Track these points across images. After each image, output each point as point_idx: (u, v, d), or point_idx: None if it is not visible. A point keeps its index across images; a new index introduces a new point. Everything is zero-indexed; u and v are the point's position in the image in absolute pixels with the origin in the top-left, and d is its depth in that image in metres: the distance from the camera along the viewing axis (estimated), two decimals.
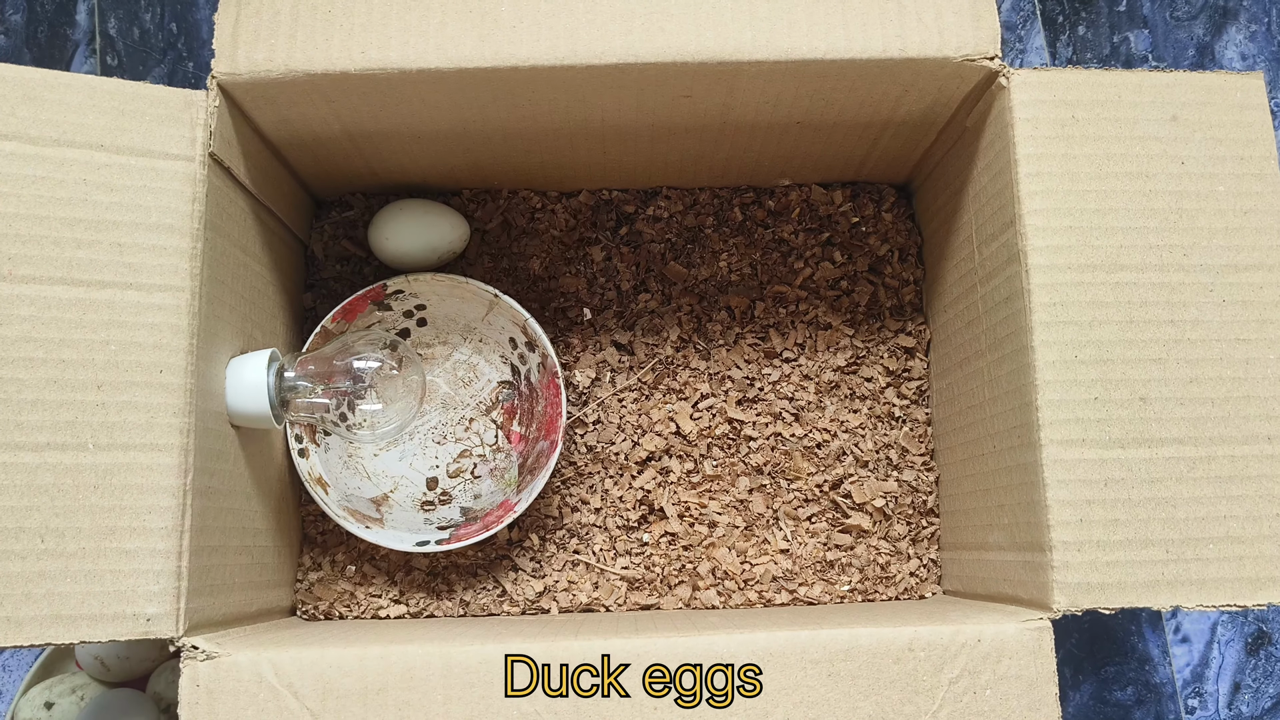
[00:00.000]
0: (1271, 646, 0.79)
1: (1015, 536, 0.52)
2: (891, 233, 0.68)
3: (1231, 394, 0.49)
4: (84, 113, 0.48)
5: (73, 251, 0.47)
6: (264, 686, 0.45)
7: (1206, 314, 0.50)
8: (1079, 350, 0.49)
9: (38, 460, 0.45)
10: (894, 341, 0.67)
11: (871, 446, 0.66)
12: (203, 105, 0.50)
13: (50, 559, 0.45)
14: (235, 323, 0.54)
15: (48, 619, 0.44)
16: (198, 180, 0.49)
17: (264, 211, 0.59)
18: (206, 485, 0.49)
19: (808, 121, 0.59)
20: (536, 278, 0.67)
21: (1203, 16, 0.88)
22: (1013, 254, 0.51)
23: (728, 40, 0.51)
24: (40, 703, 0.66)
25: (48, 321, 0.46)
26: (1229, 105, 0.52)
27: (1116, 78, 0.52)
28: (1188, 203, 0.51)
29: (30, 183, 0.47)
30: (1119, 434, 0.48)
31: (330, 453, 0.64)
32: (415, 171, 0.65)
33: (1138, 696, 0.78)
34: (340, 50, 0.50)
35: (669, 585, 0.64)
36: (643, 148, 0.62)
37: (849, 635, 0.46)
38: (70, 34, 0.84)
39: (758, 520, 0.65)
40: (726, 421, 0.66)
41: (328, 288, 0.67)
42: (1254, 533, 0.48)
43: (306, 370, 0.55)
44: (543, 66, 0.51)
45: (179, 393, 0.47)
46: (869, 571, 0.64)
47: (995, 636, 0.46)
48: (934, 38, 0.51)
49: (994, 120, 0.53)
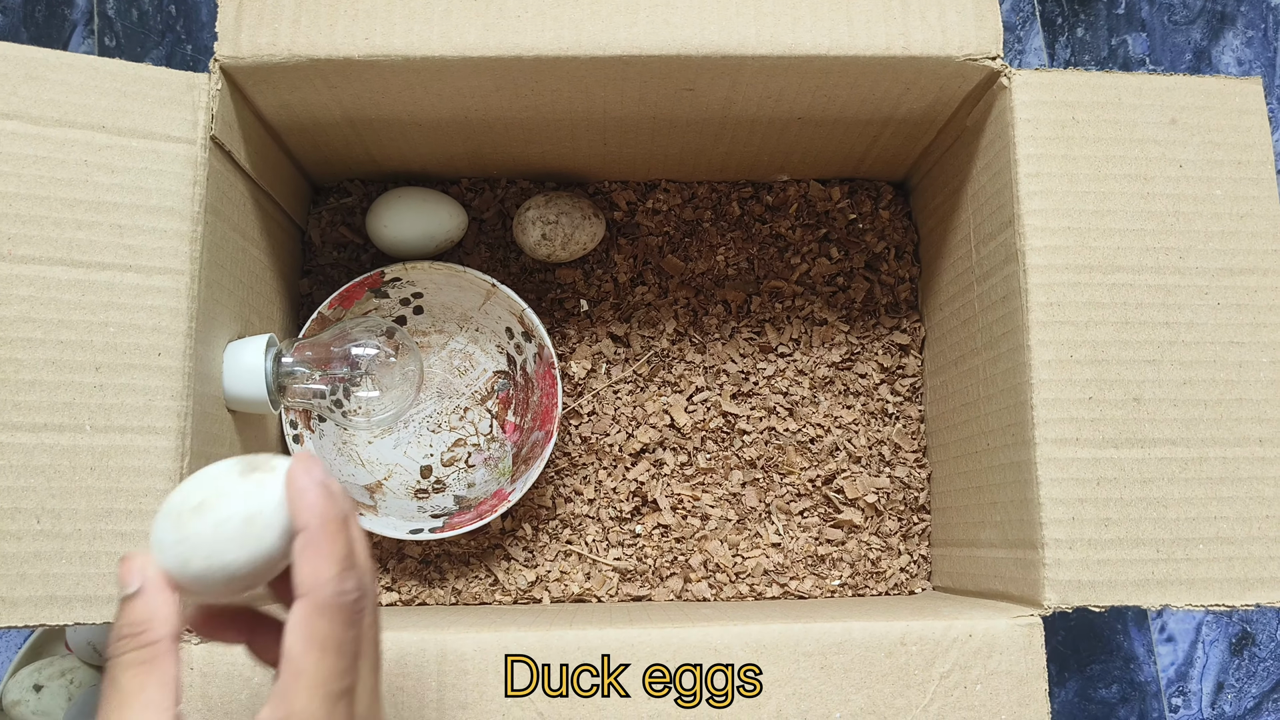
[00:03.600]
0: (1255, 647, 0.80)
1: (1007, 533, 0.52)
2: (888, 230, 0.69)
3: (1224, 396, 0.50)
4: (86, 93, 0.48)
5: (73, 232, 0.47)
6: (258, 670, 0.45)
7: (1201, 316, 0.50)
8: (1074, 350, 0.49)
9: (35, 441, 0.45)
10: (889, 338, 0.68)
11: (864, 442, 0.66)
12: (205, 88, 0.50)
13: (46, 540, 0.45)
14: (233, 307, 0.54)
15: (42, 600, 0.44)
16: (199, 163, 0.49)
17: (263, 196, 0.59)
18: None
19: (808, 117, 0.59)
20: (534, 268, 0.67)
21: (1200, 21, 0.89)
22: (1010, 253, 0.52)
23: (731, 35, 0.51)
24: (29, 685, 0.66)
25: (46, 302, 0.46)
26: (1228, 110, 0.52)
27: (1116, 80, 0.52)
28: (1185, 206, 0.51)
29: (31, 163, 0.47)
30: (1112, 434, 0.49)
31: (325, 439, 0.64)
32: (415, 159, 0.64)
33: (1122, 694, 0.79)
34: (344, 36, 0.50)
35: (661, 577, 0.64)
36: (643, 140, 0.62)
37: (842, 629, 0.47)
38: (68, 14, 0.83)
39: (750, 514, 0.65)
40: (721, 415, 0.66)
41: (325, 274, 0.67)
42: (1244, 534, 0.48)
43: (304, 356, 0.55)
44: (546, 57, 0.51)
45: (177, 376, 0.47)
46: (860, 566, 0.64)
47: (986, 632, 0.47)
48: (937, 36, 0.51)
49: (994, 120, 0.54)
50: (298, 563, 0.32)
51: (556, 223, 0.64)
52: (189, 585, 0.33)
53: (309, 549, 0.32)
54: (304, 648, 0.31)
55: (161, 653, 0.32)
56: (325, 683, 0.31)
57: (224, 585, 0.33)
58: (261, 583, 0.34)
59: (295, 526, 0.33)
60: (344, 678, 0.31)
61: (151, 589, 0.32)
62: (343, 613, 0.32)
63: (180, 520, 0.33)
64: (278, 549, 0.33)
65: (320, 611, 0.31)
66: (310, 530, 0.32)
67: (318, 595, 0.32)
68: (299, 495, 0.33)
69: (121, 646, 0.32)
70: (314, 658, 0.31)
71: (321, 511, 0.32)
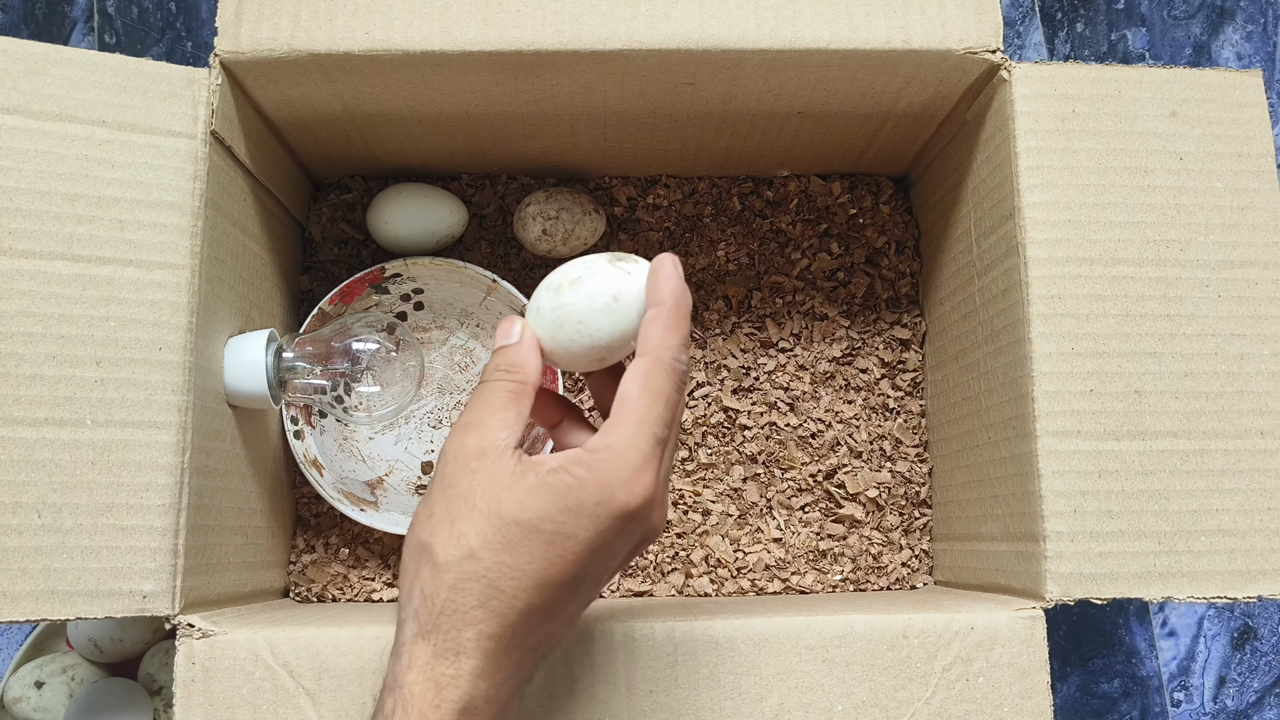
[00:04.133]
0: (1257, 641, 0.80)
1: (1009, 527, 0.52)
2: (889, 225, 0.69)
3: (1225, 388, 0.50)
4: (86, 88, 0.48)
5: (73, 227, 0.47)
6: (260, 665, 0.45)
7: (1202, 309, 0.50)
8: (1075, 343, 0.49)
9: (36, 435, 0.45)
10: (889, 333, 0.68)
11: (865, 437, 0.66)
12: (205, 83, 0.50)
13: (47, 534, 0.45)
14: (234, 303, 0.54)
15: (44, 594, 0.44)
16: (199, 158, 0.49)
17: (263, 192, 0.59)
18: (204, 464, 0.49)
19: (809, 112, 0.59)
20: (535, 263, 0.67)
21: (1200, 16, 0.89)
22: (1011, 246, 0.51)
23: (731, 28, 0.51)
24: (30, 681, 0.66)
25: (47, 297, 0.46)
26: (1228, 102, 0.52)
27: (1117, 73, 0.52)
28: (1185, 198, 0.51)
29: (31, 157, 0.47)
30: (1114, 426, 0.49)
31: (325, 435, 0.64)
32: (415, 155, 0.64)
33: (1124, 689, 0.79)
34: (344, 30, 0.50)
35: (662, 572, 0.64)
36: (644, 135, 0.62)
37: (844, 622, 0.47)
38: (68, 11, 0.83)
39: (751, 509, 0.65)
40: (722, 410, 0.66)
41: (325, 270, 0.67)
42: (1245, 526, 0.48)
43: (304, 351, 0.55)
44: (547, 51, 0.51)
45: (178, 370, 0.47)
46: (861, 561, 0.64)
47: (988, 625, 0.47)
48: (937, 29, 0.51)
49: (995, 113, 0.54)
50: (648, 329, 0.38)
51: (557, 218, 0.64)
52: (555, 350, 0.40)
53: (661, 319, 0.38)
54: (639, 392, 0.36)
55: (526, 391, 0.39)
56: (650, 424, 0.36)
57: (586, 352, 0.39)
58: (611, 359, 0.40)
59: (651, 303, 0.38)
60: (665, 428, 0.37)
61: (527, 343, 0.39)
62: (676, 375, 0.37)
63: (559, 291, 0.39)
64: (632, 329, 0.39)
65: (659, 367, 0.37)
66: (665, 305, 0.38)
67: (660, 354, 0.37)
68: (663, 277, 0.38)
69: (497, 375, 0.39)
70: (645, 402, 0.36)
71: (677, 292, 0.38)
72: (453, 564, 0.35)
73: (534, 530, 0.35)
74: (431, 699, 0.35)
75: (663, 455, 0.37)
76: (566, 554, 0.35)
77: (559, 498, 0.35)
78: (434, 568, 0.36)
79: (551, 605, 0.36)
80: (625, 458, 0.36)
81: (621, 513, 0.35)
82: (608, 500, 0.35)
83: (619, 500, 0.35)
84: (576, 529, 0.35)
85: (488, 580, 0.35)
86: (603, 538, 0.35)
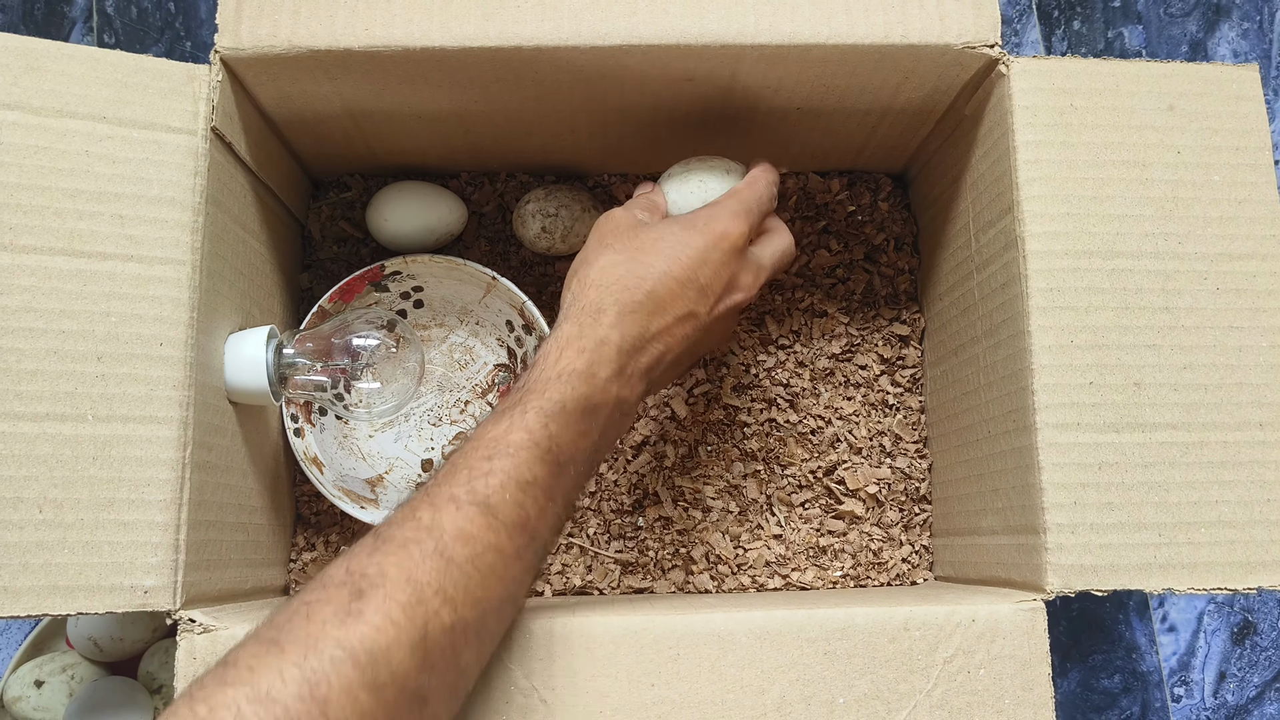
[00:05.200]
0: (1257, 636, 0.80)
1: (1009, 520, 0.52)
2: (887, 221, 0.69)
3: (1224, 380, 0.50)
4: (87, 84, 0.48)
5: (74, 222, 0.47)
6: None
7: (1201, 301, 0.50)
8: (1075, 335, 0.49)
9: (37, 430, 0.45)
10: (889, 329, 0.68)
11: (865, 433, 0.66)
12: (205, 79, 0.50)
13: (48, 529, 0.45)
14: (234, 299, 0.54)
15: (45, 589, 0.44)
16: (199, 154, 0.49)
17: (263, 189, 0.59)
18: (205, 460, 0.49)
19: (807, 107, 0.59)
20: (534, 261, 0.68)
21: (1196, 13, 0.89)
22: (1010, 240, 0.52)
23: (730, 24, 0.51)
24: (30, 680, 0.66)
25: (48, 292, 0.46)
26: (1225, 96, 0.52)
27: (1114, 67, 0.52)
28: (1183, 191, 0.51)
29: (32, 153, 0.47)
30: (1113, 418, 0.49)
31: (326, 433, 0.64)
32: (414, 152, 0.65)
33: (1124, 684, 0.79)
34: (344, 27, 0.50)
35: (662, 569, 0.64)
36: (643, 132, 0.62)
37: (845, 615, 0.47)
38: (67, 11, 0.83)
39: (751, 505, 0.65)
40: (721, 407, 0.66)
41: (325, 268, 0.67)
42: (1245, 517, 0.48)
43: (305, 347, 0.55)
44: (546, 47, 0.51)
45: (179, 366, 0.47)
46: (861, 557, 0.64)
47: (989, 617, 0.47)
48: (935, 24, 0.52)
49: (993, 108, 0.54)
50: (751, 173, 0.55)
51: (556, 216, 0.64)
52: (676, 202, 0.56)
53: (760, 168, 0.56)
54: (741, 187, 0.53)
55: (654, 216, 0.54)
56: (744, 200, 0.52)
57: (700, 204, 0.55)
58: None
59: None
60: (756, 206, 0.53)
61: (658, 194, 0.56)
62: (771, 189, 0.54)
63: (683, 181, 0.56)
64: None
65: (766, 171, 0.55)
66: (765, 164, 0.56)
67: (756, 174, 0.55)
68: (763, 169, 0.56)
69: (640, 203, 0.54)
70: (744, 190, 0.53)
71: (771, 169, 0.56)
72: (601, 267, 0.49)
73: (659, 240, 0.49)
74: (574, 337, 0.46)
75: (753, 222, 0.52)
76: (683, 256, 0.48)
77: (680, 223, 0.50)
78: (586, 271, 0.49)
79: (665, 301, 0.48)
80: (726, 205, 0.51)
81: (724, 233, 0.49)
82: (713, 222, 0.50)
83: (721, 224, 0.50)
84: (690, 239, 0.49)
85: (626, 268, 0.48)
86: (707, 254, 0.49)
